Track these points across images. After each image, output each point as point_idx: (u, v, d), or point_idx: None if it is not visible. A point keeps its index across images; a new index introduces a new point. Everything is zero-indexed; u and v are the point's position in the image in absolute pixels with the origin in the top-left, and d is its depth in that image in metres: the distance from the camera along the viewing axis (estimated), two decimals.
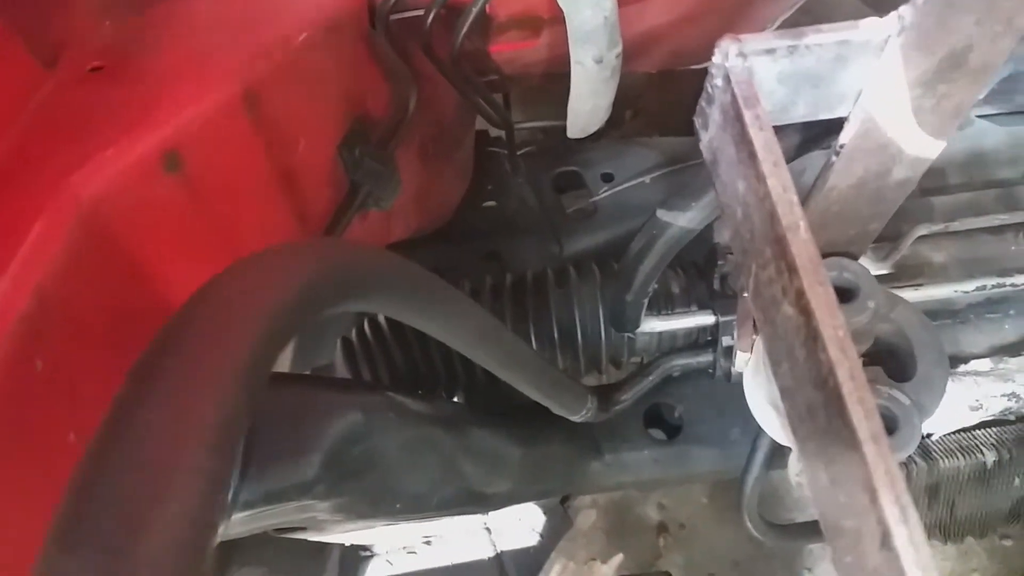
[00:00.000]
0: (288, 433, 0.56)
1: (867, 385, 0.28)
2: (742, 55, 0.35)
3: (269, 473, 0.53)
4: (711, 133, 0.39)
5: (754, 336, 0.54)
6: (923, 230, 0.84)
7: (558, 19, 0.65)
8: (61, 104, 0.43)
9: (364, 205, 0.64)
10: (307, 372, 0.82)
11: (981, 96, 0.40)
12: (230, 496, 0.45)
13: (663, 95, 1.34)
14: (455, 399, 0.83)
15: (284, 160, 0.53)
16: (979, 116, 0.98)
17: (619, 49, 0.59)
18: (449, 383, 0.82)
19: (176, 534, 0.19)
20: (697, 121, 0.40)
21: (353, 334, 0.82)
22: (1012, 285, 0.83)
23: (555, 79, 0.79)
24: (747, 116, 0.34)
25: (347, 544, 0.95)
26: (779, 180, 0.32)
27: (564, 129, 0.81)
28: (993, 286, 0.83)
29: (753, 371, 0.51)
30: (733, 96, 0.35)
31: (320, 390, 0.61)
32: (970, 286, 0.83)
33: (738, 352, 0.53)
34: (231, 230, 0.50)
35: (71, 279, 0.37)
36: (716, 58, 0.36)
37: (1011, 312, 0.90)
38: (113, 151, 0.39)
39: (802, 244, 0.31)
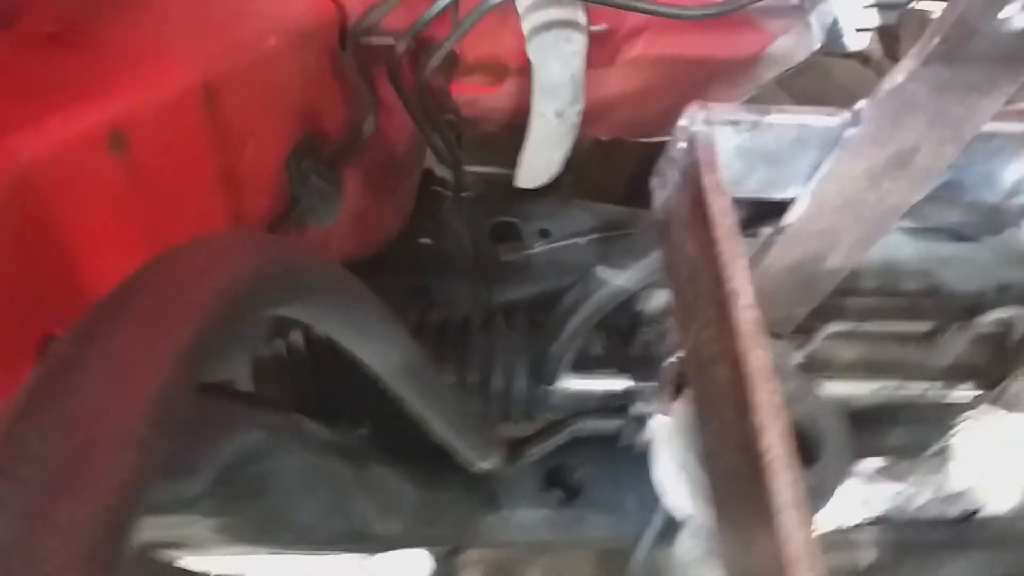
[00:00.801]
0: (183, 441, 0.53)
1: (794, 453, 0.29)
2: (708, 122, 0.37)
3: (157, 481, 0.50)
4: (667, 193, 0.40)
5: (673, 401, 0.54)
6: (835, 327, 0.88)
7: (523, 70, 0.66)
8: (10, 64, 0.41)
9: (302, 220, 0.62)
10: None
11: (918, 199, 0.42)
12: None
13: (606, 164, 1.38)
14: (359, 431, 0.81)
15: (230, 160, 0.51)
16: (898, 227, 1.05)
17: (580, 106, 0.61)
18: (356, 415, 0.80)
19: (103, 503, 0.18)
20: (655, 181, 0.41)
21: (267, 352, 0.80)
22: (910, 391, 0.87)
23: (510, 129, 0.81)
24: (706, 180, 0.35)
25: None
26: (731, 245, 0.33)
27: (509, 180, 0.82)
28: (893, 389, 0.87)
29: (668, 436, 0.52)
30: (695, 160, 0.36)
31: (224, 400, 0.58)
32: (872, 386, 0.87)
33: (656, 415, 0.53)
34: (162, 222, 0.48)
35: None
36: (683, 122, 0.37)
37: (905, 417, 0.94)
38: (59, 118, 0.37)
39: (745, 309, 0.32)
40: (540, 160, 0.67)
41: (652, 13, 0.55)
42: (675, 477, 0.51)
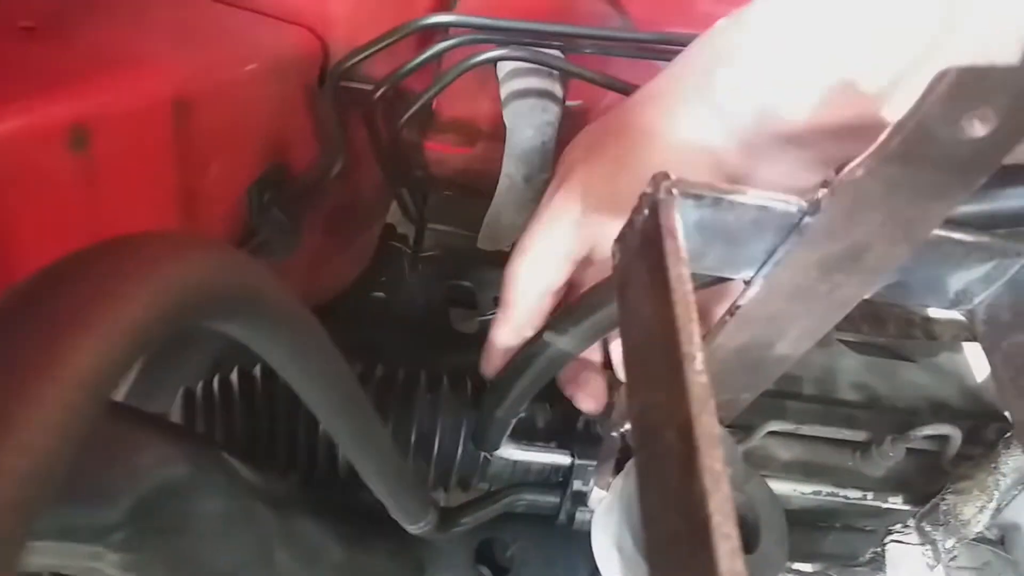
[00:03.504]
0: (101, 465, 0.50)
1: (734, 520, 0.28)
2: (672, 191, 0.37)
3: (69, 504, 0.47)
4: (627, 258, 0.40)
5: (612, 477, 0.54)
6: (775, 426, 0.89)
7: (495, 135, 0.67)
8: None
9: (257, 252, 0.61)
10: None
11: (867, 296, 0.43)
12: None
13: None
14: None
15: (191, 180, 0.51)
16: (839, 339, 1.08)
17: (548, 175, 0.62)
18: (286, 465, 0.78)
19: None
20: (615, 245, 0.41)
21: (199, 387, 0.77)
22: (844, 497, 0.88)
23: (474, 193, 0.82)
24: (667, 246, 0.35)
25: None
26: (686, 310, 0.33)
27: (467, 244, 0.83)
28: (827, 494, 0.88)
29: (606, 511, 0.51)
30: (657, 225, 0.36)
31: (150, 429, 0.55)
32: (808, 488, 0.87)
33: (594, 489, 0.52)
34: (111, 231, 0.46)
35: None
36: (648, 188, 0.37)
37: (837, 525, 0.94)
38: (20, 105, 0.36)
39: (696, 374, 0.32)
40: (504, 222, 0.67)
41: (627, 92, 0.57)
42: (608, 554, 0.50)
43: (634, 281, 0.39)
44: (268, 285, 0.33)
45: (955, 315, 1.19)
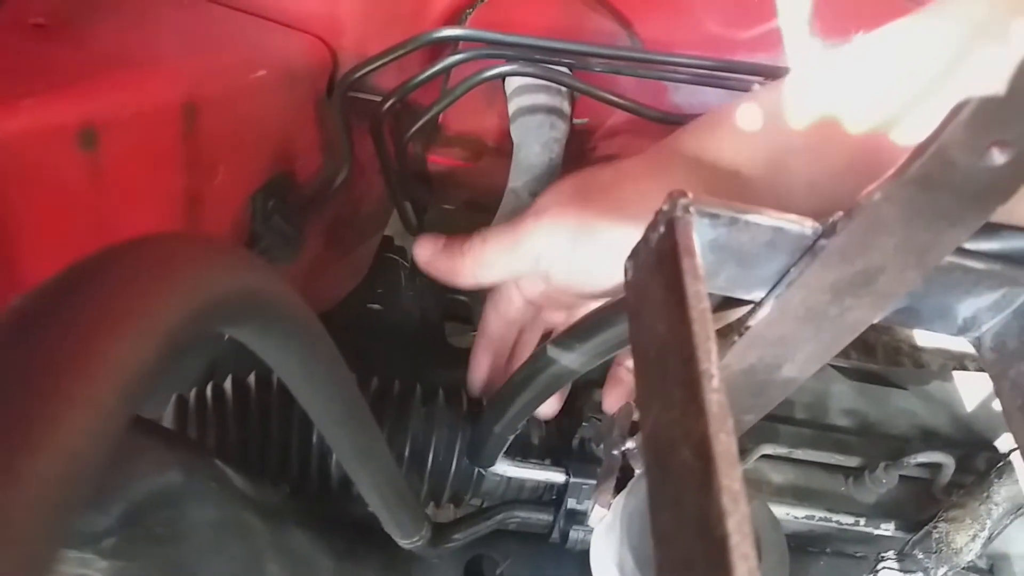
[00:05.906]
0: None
1: (752, 541, 0.28)
2: (689, 209, 0.37)
3: None
4: (640, 275, 0.39)
5: (613, 495, 0.53)
6: (768, 449, 0.89)
7: (500, 151, 0.67)
8: None
9: None
10: None
11: (876, 320, 0.43)
12: None
13: None
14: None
15: (197, 184, 0.50)
16: (831, 365, 1.08)
17: None
18: (278, 476, 0.76)
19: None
20: (628, 263, 0.41)
21: (192, 395, 0.76)
22: (837, 523, 0.88)
23: (477, 208, 0.81)
24: (685, 264, 0.35)
25: None
26: (703, 328, 0.33)
27: None
28: (820, 519, 0.87)
29: (606, 529, 0.50)
30: (674, 244, 0.36)
31: (145, 434, 0.54)
32: (800, 512, 0.87)
33: (596, 507, 0.52)
34: (115, 232, 0.46)
35: None
36: (665, 206, 0.37)
37: (827, 551, 0.94)
38: (35, 101, 0.36)
39: (714, 392, 0.31)
40: None
41: (637, 113, 0.57)
42: (608, 573, 0.49)
43: (648, 298, 0.38)
44: (283, 292, 0.32)
45: (943, 344, 1.20)
